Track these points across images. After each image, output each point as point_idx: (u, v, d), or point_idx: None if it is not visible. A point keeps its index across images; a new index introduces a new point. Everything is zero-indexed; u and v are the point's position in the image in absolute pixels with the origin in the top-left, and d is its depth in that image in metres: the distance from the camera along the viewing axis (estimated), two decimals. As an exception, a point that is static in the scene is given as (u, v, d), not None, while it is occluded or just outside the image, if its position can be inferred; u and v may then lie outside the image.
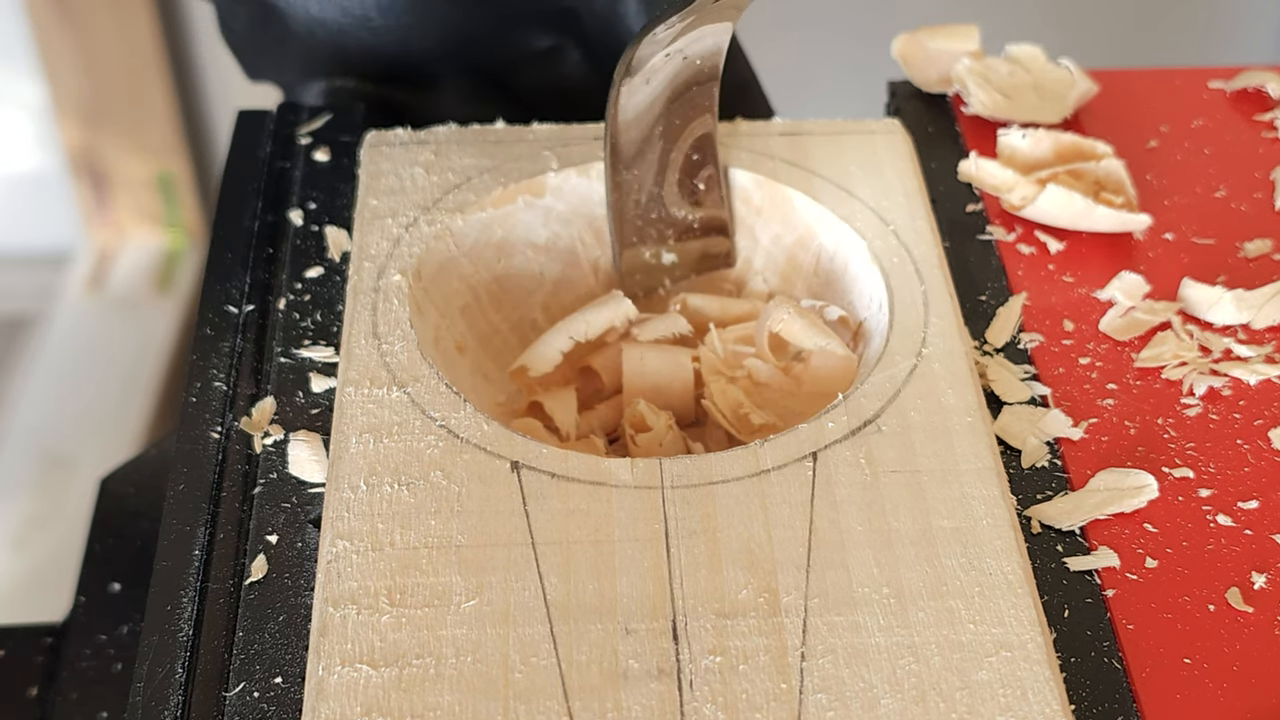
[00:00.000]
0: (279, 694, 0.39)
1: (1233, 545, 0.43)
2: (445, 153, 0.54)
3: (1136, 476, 0.44)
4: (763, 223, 0.54)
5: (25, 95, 1.35)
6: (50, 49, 1.30)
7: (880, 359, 0.47)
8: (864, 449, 0.44)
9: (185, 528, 0.43)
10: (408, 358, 0.46)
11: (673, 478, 0.43)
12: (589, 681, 0.38)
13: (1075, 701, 0.39)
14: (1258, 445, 0.46)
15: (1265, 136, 0.58)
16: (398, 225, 0.51)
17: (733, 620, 0.39)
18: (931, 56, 0.59)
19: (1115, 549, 0.43)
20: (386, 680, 0.38)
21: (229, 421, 0.46)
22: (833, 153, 0.54)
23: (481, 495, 0.42)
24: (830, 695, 0.38)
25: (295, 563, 0.42)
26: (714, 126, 0.51)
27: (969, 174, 0.55)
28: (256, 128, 0.57)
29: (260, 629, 0.41)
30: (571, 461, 0.43)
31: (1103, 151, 0.55)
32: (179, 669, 0.40)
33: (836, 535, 0.41)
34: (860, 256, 0.51)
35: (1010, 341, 0.49)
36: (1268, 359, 0.48)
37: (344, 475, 0.43)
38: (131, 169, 1.37)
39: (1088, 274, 0.51)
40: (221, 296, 0.50)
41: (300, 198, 0.53)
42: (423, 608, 0.40)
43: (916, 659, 0.39)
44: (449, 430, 0.44)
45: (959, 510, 0.42)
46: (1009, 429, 0.46)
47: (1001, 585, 0.40)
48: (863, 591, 0.40)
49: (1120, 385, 0.48)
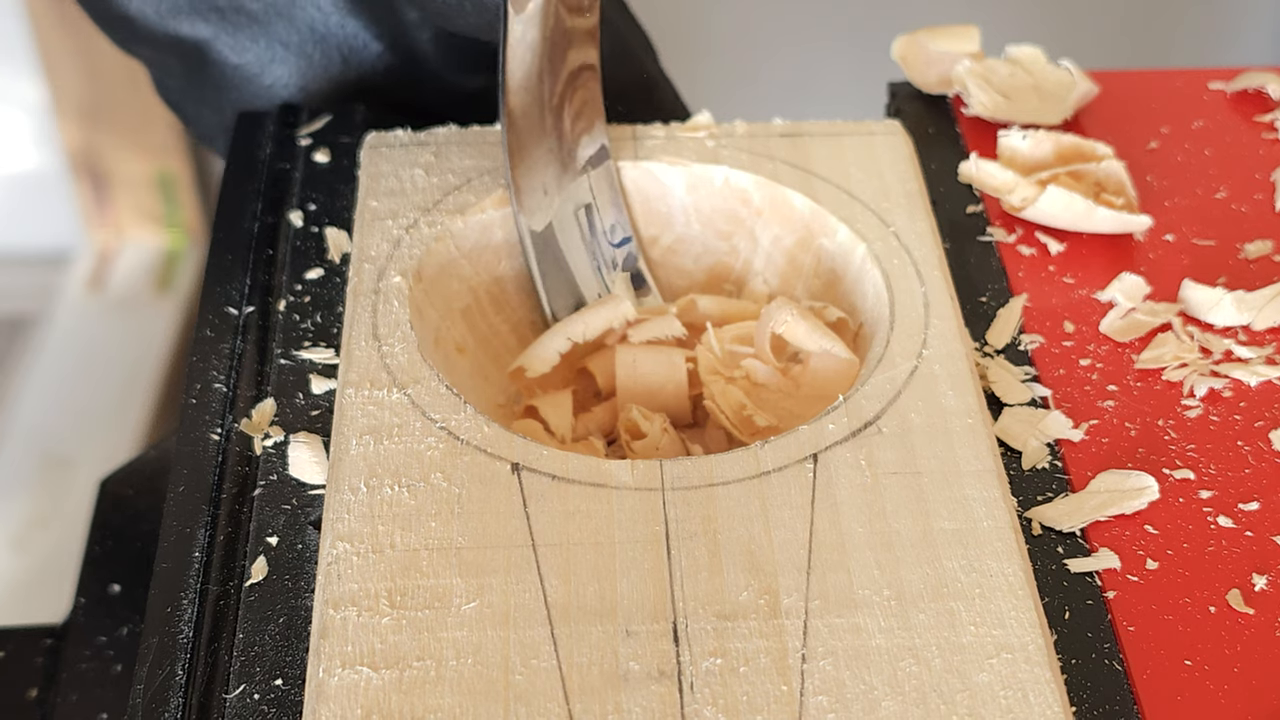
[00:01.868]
0: (279, 696, 0.39)
1: (1233, 547, 0.43)
2: (445, 154, 0.54)
3: (1137, 478, 0.44)
4: (762, 224, 0.54)
5: (25, 95, 1.35)
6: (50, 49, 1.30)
7: (881, 361, 0.47)
8: (864, 451, 0.44)
9: (185, 529, 0.43)
10: (408, 359, 0.46)
11: (673, 479, 0.43)
12: (589, 683, 0.38)
13: (1076, 703, 0.39)
14: (1258, 447, 0.46)
15: (1266, 138, 0.58)
16: (398, 227, 0.51)
17: (733, 622, 0.39)
18: (932, 58, 0.59)
19: (1116, 551, 0.43)
20: (387, 682, 0.38)
21: (229, 423, 0.46)
22: (833, 154, 0.54)
23: (482, 497, 0.42)
24: (831, 697, 0.38)
25: (295, 565, 0.42)
26: (595, 57, 0.51)
27: (969, 175, 0.55)
28: (256, 129, 0.57)
29: (260, 631, 0.41)
30: (572, 463, 0.43)
31: (1103, 153, 0.55)
32: (179, 671, 0.40)
33: (837, 537, 0.41)
34: (860, 258, 0.51)
35: (1011, 343, 0.49)
36: (1268, 360, 0.48)
37: (344, 477, 0.43)
38: (131, 169, 1.37)
39: (1088, 275, 0.51)
40: (221, 298, 0.50)
41: (300, 199, 0.53)
42: (423, 610, 0.40)
43: (917, 661, 0.39)
44: (449, 432, 0.44)
45: (960, 512, 0.42)
46: (1009, 430, 0.46)
47: (1002, 587, 0.40)
48: (863, 593, 0.40)
49: (1121, 387, 0.47)
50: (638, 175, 0.54)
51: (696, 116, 0.56)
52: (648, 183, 0.54)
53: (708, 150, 0.54)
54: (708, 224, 0.55)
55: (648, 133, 0.55)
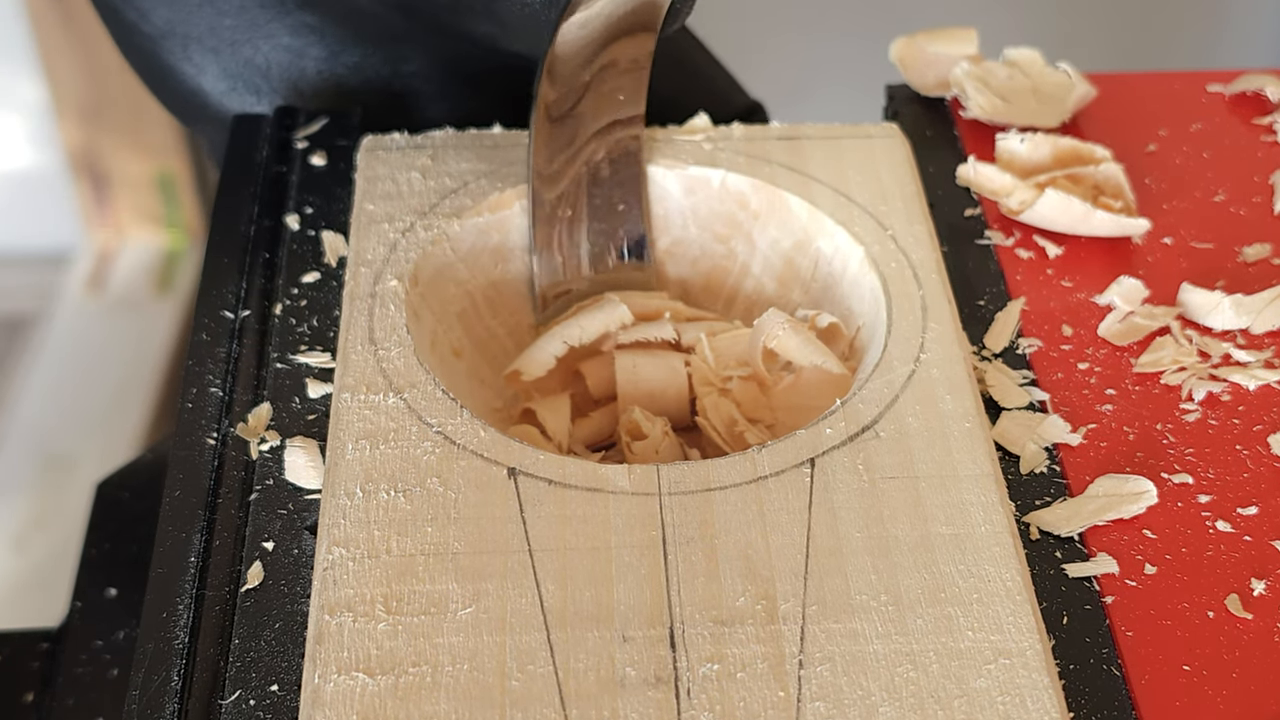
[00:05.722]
0: (275, 702, 0.39)
1: (1232, 551, 0.43)
2: (442, 157, 0.54)
3: (1135, 482, 0.44)
4: (760, 227, 0.54)
5: (25, 95, 1.35)
6: (50, 49, 1.30)
7: (878, 364, 0.46)
8: (862, 455, 0.44)
9: (181, 534, 0.43)
10: (404, 363, 0.46)
11: (670, 484, 0.42)
12: (586, 689, 0.38)
13: (1074, 709, 0.39)
14: (1257, 451, 0.46)
15: (1264, 140, 0.58)
16: (394, 230, 0.51)
17: (730, 628, 0.39)
18: (930, 60, 0.59)
19: (1114, 555, 0.42)
20: (383, 688, 0.38)
21: (225, 427, 0.46)
22: (830, 157, 0.54)
23: (478, 502, 0.42)
24: (828, 703, 0.38)
25: (291, 570, 0.42)
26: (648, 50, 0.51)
27: (967, 178, 0.55)
28: (253, 132, 0.57)
29: (256, 636, 0.40)
30: (569, 468, 0.43)
31: (1101, 155, 0.55)
32: (175, 676, 0.40)
33: (834, 542, 0.41)
34: (858, 261, 0.51)
35: (1009, 346, 0.49)
36: (1267, 364, 0.48)
37: (340, 482, 0.43)
38: (131, 169, 1.37)
39: (1086, 279, 0.51)
40: (217, 301, 0.50)
41: (297, 202, 0.53)
42: (419, 615, 0.40)
43: (915, 666, 0.39)
44: (445, 436, 0.44)
45: (957, 516, 0.42)
46: (1007, 434, 0.46)
47: (1000, 592, 0.40)
48: (861, 599, 0.40)
49: (1119, 390, 0.47)
50: (635, 178, 0.54)
51: (694, 120, 0.56)
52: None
53: (705, 153, 0.54)
54: (705, 227, 0.55)
55: (646, 135, 0.55)
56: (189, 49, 0.58)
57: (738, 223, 0.54)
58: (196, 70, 0.59)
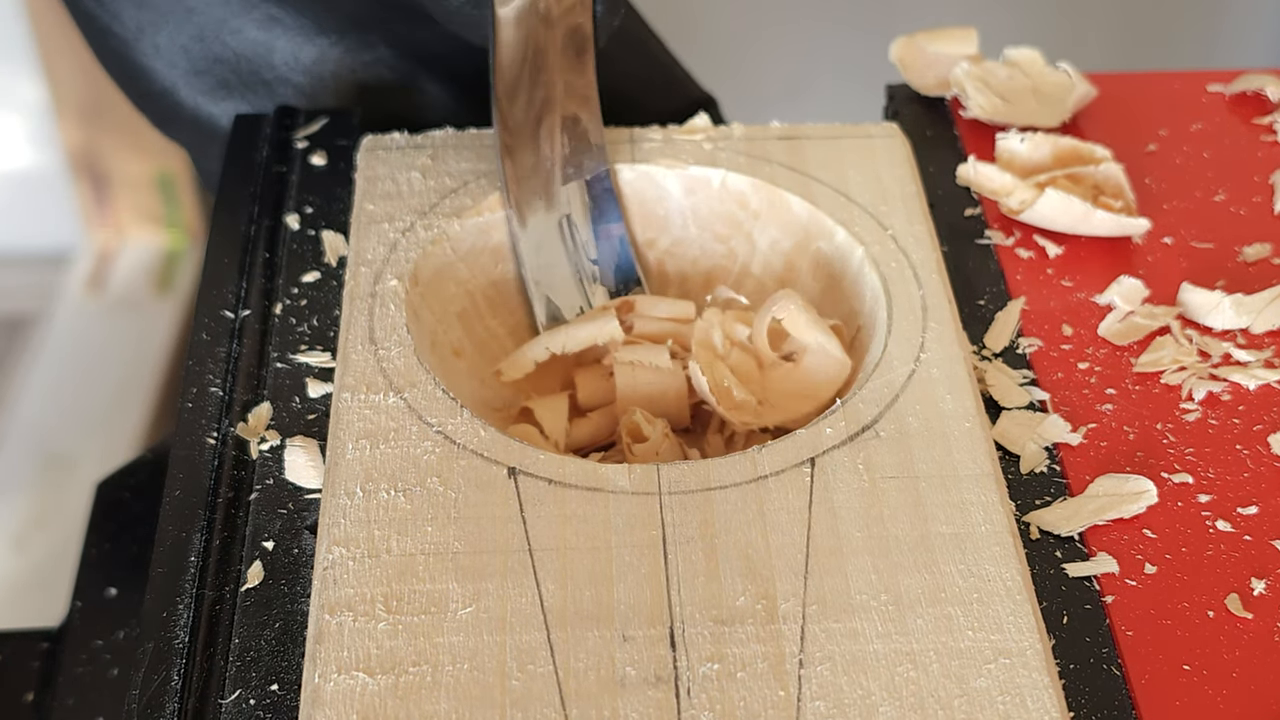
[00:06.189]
0: (275, 701, 0.39)
1: (1232, 551, 0.43)
2: (442, 157, 0.54)
3: (1136, 482, 0.44)
4: (760, 227, 0.54)
5: (25, 95, 1.35)
6: (50, 49, 1.30)
7: (878, 364, 0.46)
8: (862, 455, 0.44)
9: (181, 534, 0.43)
10: (404, 363, 0.46)
11: (670, 484, 0.42)
12: (586, 689, 0.38)
13: (1074, 709, 0.39)
14: (1257, 450, 0.46)
15: (1264, 140, 0.58)
16: (394, 230, 0.51)
17: (730, 627, 0.39)
18: (930, 60, 0.59)
19: (1114, 555, 0.42)
20: (383, 688, 0.38)
21: (225, 427, 0.46)
22: (830, 157, 0.54)
23: (478, 501, 0.42)
24: (828, 703, 0.38)
25: (291, 569, 0.42)
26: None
27: (967, 178, 0.55)
28: (253, 131, 0.57)
29: (256, 636, 0.40)
30: (569, 467, 0.43)
31: (1101, 155, 0.55)
32: (175, 676, 0.40)
33: (834, 541, 0.41)
34: (858, 261, 0.51)
35: (1009, 346, 0.49)
36: (1267, 364, 0.48)
37: (340, 481, 0.43)
38: (131, 169, 1.37)
39: (1086, 278, 0.51)
40: (218, 301, 0.50)
41: (297, 202, 0.53)
42: (419, 615, 0.40)
43: (915, 666, 0.39)
44: (445, 436, 0.44)
45: (957, 516, 0.42)
46: (1007, 434, 0.46)
47: (1000, 592, 0.40)
48: (861, 598, 0.40)
49: (1119, 390, 0.47)
50: (635, 178, 0.54)
51: (694, 119, 0.56)
52: (645, 186, 0.54)
53: (705, 153, 0.54)
54: (705, 227, 0.55)
55: (645, 135, 0.55)
56: (160, 47, 0.58)
57: (738, 222, 0.54)
58: (167, 67, 0.59)
